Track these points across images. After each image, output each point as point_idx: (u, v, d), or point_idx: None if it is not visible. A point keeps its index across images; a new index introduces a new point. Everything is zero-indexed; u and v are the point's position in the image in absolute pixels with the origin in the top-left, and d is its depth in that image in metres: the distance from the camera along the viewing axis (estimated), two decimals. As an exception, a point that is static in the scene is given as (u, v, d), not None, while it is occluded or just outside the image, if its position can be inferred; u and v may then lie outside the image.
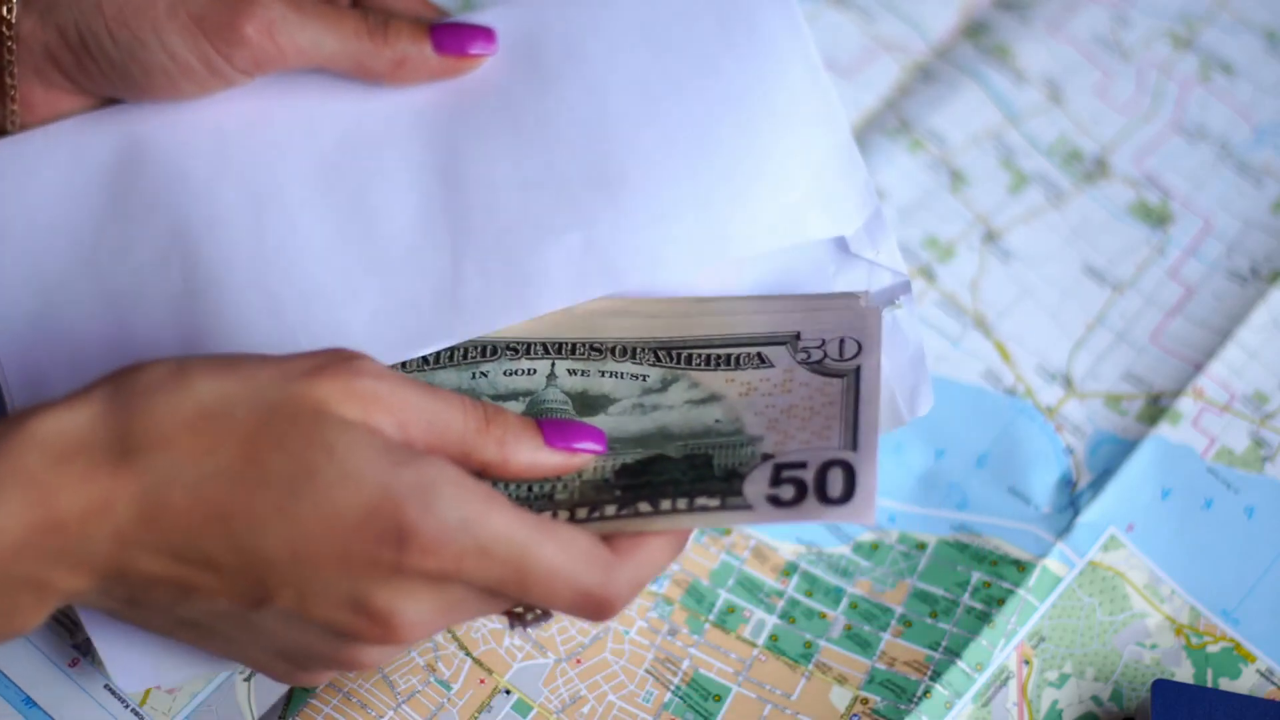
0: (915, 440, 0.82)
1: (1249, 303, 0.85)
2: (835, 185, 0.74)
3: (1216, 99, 0.92)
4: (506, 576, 0.62)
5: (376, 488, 0.61)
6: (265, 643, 0.64)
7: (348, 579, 0.61)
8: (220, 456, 0.61)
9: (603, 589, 0.64)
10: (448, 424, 0.64)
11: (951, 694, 0.75)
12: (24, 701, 0.73)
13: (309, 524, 0.60)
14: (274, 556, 0.61)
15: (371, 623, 0.62)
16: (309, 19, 0.74)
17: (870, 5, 0.94)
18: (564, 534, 0.63)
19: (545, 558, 0.62)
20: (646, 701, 0.75)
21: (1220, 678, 0.77)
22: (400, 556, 0.60)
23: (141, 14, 0.72)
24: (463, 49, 0.76)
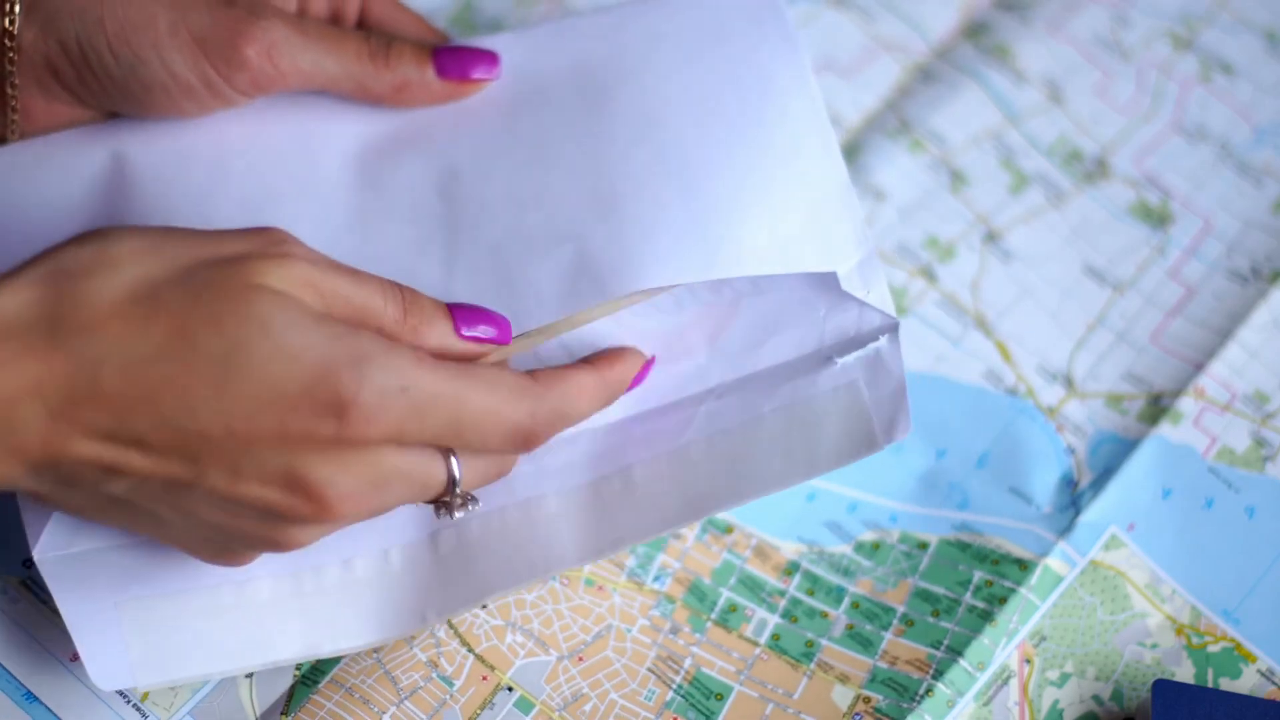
0: (916, 440, 0.82)
1: (1249, 303, 0.85)
2: (831, 223, 0.74)
3: (1217, 99, 0.92)
4: (443, 429, 0.64)
5: (311, 360, 0.61)
6: (194, 523, 0.64)
7: (283, 453, 0.61)
8: (151, 335, 0.61)
9: (531, 419, 0.66)
10: (369, 305, 0.65)
11: (953, 693, 0.75)
12: (25, 696, 0.73)
13: (244, 399, 0.61)
14: (207, 433, 0.61)
15: (305, 499, 0.62)
16: (311, 41, 0.74)
17: (870, 5, 0.94)
18: (489, 375, 0.65)
19: (476, 402, 0.64)
20: (648, 700, 0.75)
21: (1221, 678, 0.77)
22: (339, 427, 0.61)
23: (142, 32, 0.72)
24: (465, 74, 0.76)
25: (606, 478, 0.75)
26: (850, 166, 0.88)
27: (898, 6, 0.94)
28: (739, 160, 0.75)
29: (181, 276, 0.62)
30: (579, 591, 0.77)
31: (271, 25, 0.73)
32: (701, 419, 0.75)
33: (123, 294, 0.61)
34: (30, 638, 0.74)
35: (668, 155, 0.75)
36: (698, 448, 0.75)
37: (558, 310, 0.72)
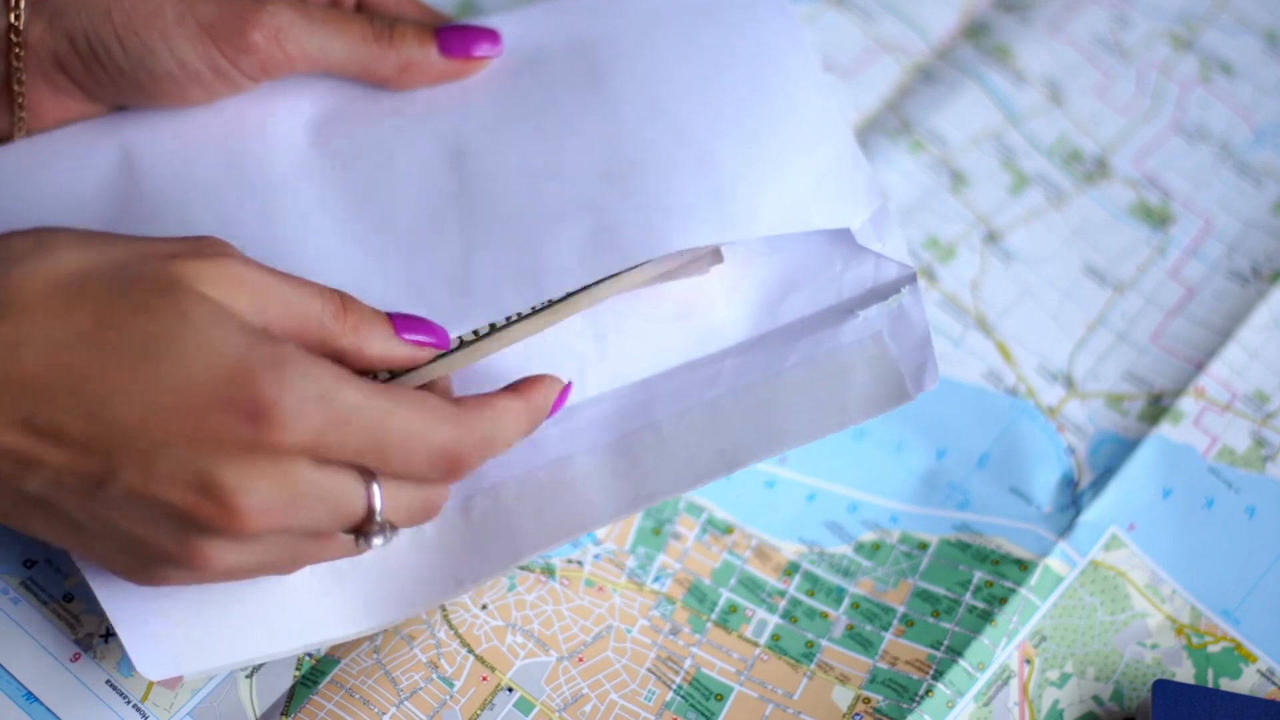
0: (917, 440, 0.82)
1: (1250, 303, 0.85)
2: (840, 181, 0.75)
3: (1217, 100, 0.92)
4: (364, 445, 0.63)
5: (232, 360, 0.61)
6: (109, 530, 0.63)
7: (196, 454, 0.61)
8: (75, 322, 0.61)
9: (458, 444, 0.65)
10: (306, 310, 0.65)
11: (953, 693, 0.75)
12: (25, 697, 0.73)
13: (161, 392, 0.60)
14: (123, 424, 0.60)
15: (216, 505, 0.61)
16: (316, 25, 0.74)
17: (870, 6, 0.94)
18: (414, 396, 0.64)
19: (400, 420, 0.63)
20: (648, 701, 0.75)
21: (1221, 678, 0.77)
22: (254, 431, 0.60)
23: (150, 22, 0.73)
24: (468, 51, 0.77)
25: (635, 433, 0.75)
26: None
27: (898, 7, 0.94)
28: (745, 128, 0.75)
29: (111, 270, 0.62)
30: (579, 592, 0.77)
31: (277, 10, 0.74)
32: (727, 374, 0.76)
33: (51, 281, 0.61)
34: (31, 638, 0.74)
35: (675, 127, 0.75)
36: (725, 401, 0.75)
37: (582, 277, 0.73)
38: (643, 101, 0.76)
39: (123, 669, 0.74)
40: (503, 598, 0.76)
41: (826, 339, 0.75)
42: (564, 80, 0.78)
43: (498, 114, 0.77)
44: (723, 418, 0.74)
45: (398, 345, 0.68)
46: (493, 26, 0.78)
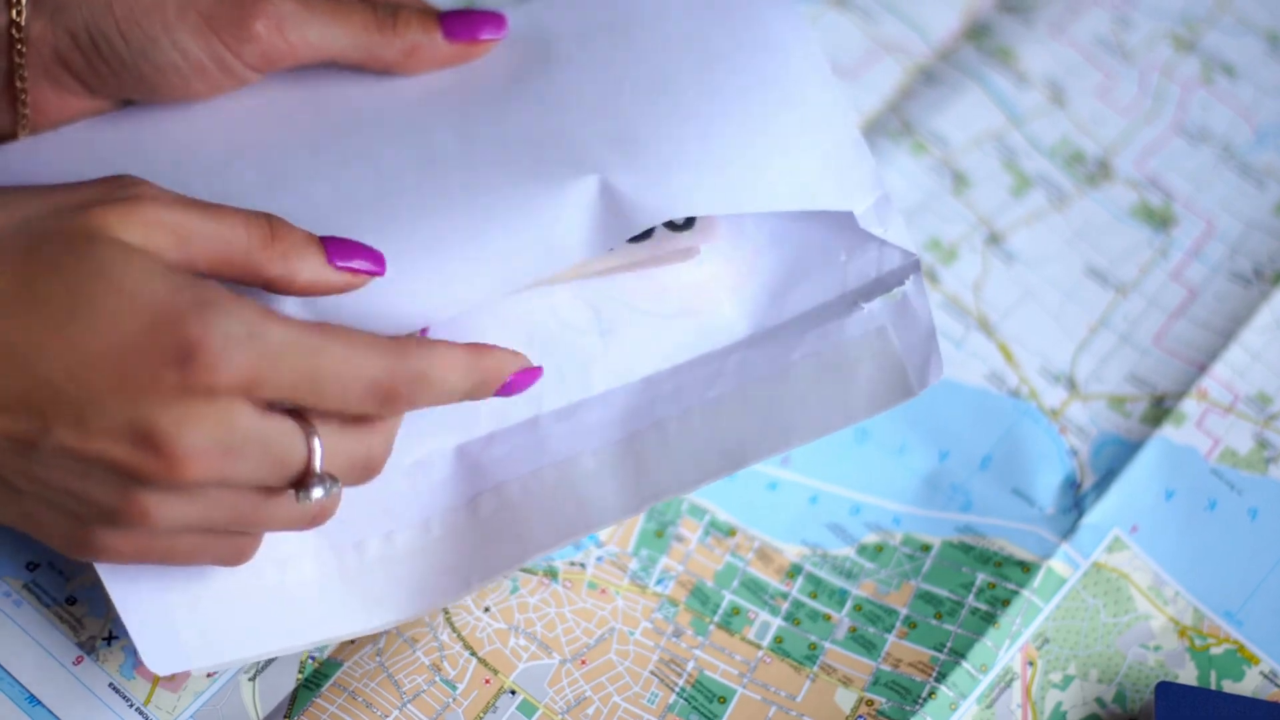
0: (919, 442, 0.82)
1: (1252, 304, 0.85)
2: (844, 166, 0.75)
3: (1218, 101, 0.92)
4: (299, 381, 0.62)
5: (156, 306, 0.60)
6: (45, 493, 0.63)
7: (128, 404, 0.60)
8: None
9: (390, 375, 0.64)
10: (230, 240, 0.64)
11: (956, 695, 0.75)
12: (28, 700, 0.73)
13: (86, 345, 0.60)
14: (52, 383, 0.60)
15: (153, 454, 0.60)
16: (317, 14, 0.74)
17: (872, 7, 0.94)
18: (346, 330, 0.63)
19: (334, 353, 0.62)
20: (651, 703, 0.75)
21: (1224, 680, 0.77)
22: (184, 374, 0.60)
23: (152, 14, 0.72)
24: (473, 35, 0.76)
25: (640, 432, 0.75)
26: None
27: (899, 8, 0.94)
28: (750, 112, 0.75)
29: (23, 226, 0.62)
30: (582, 594, 0.77)
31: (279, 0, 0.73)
32: (731, 370, 0.75)
33: None
34: (33, 640, 0.74)
35: (680, 104, 0.75)
36: (730, 398, 0.75)
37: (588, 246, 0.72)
38: (648, 80, 0.76)
39: (125, 671, 0.74)
40: (505, 600, 0.76)
41: (832, 332, 0.75)
42: (569, 60, 0.77)
43: (503, 84, 0.77)
44: (728, 415, 0.74)
45: (330, 272, 0.67)
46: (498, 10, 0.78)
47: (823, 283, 0.76)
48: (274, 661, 0.75)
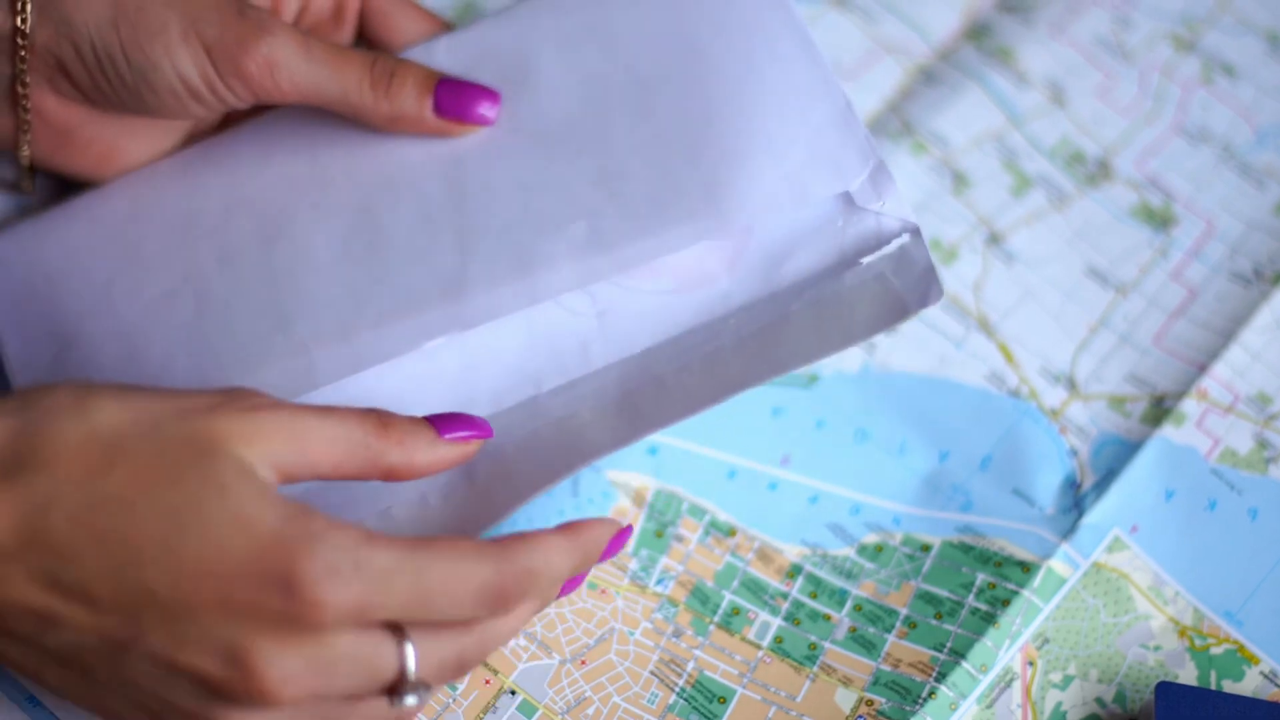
0: (919, 442, 0.82)
1: (1252, 304, 0.85)
2: (834, 147, 0.75)
3: (1219, 101, 0.92)
4: (408, 602, 0.62)
5: (266, 532, 0.60)
6: (129, 692, 0.62)
7: (226, 623, 0.60)
8: (109, 483, 0.60)
9: (499, 575, 0.63)
10: (348, 438, 0.65)
11: (956, 695, 0.75)
12: (28, 700, 0.73)
13: (193, 560, 0.59)
14: (152, 590, 0.60)
15: (244, 675, 0.60)
16: (314, 63, 0.74)
17: (872, 7, 0.94)
18: (450, 543, 0.63)
19: (441, 569, 0.62)
20: (651, 703, 0.75)
21: (1224, 680, 0.77)
22: (287, 604, 0.60)
23: (156, 38, 0.73)
24: (462, 115, 0.77)
25: (638, 388, 0.76)
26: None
27: (899, 8, 0.94)
28: (736, 110, 0.76)
29: (149, 428, 0.61)
30: (582, 594, 0.77)
31: (277, 43, 0.74)
32: (729, 329, 0.76)
33: (87, 436, 0.61)
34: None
35: (667, 123, 0.76)
36: (728, 349, 0.76)
37: (575, 284, 0.74)
38: (633, 101, 0.77)
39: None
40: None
41: (829, 285, 0.76)
42: (555, 87, 0.78)
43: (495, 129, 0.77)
44: (725, 362, 0.75)
45: (444, 448, 0.68)
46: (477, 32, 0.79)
47: (820, 249, 0.77)
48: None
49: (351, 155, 0.78)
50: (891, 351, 0.84)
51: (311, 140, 0.78)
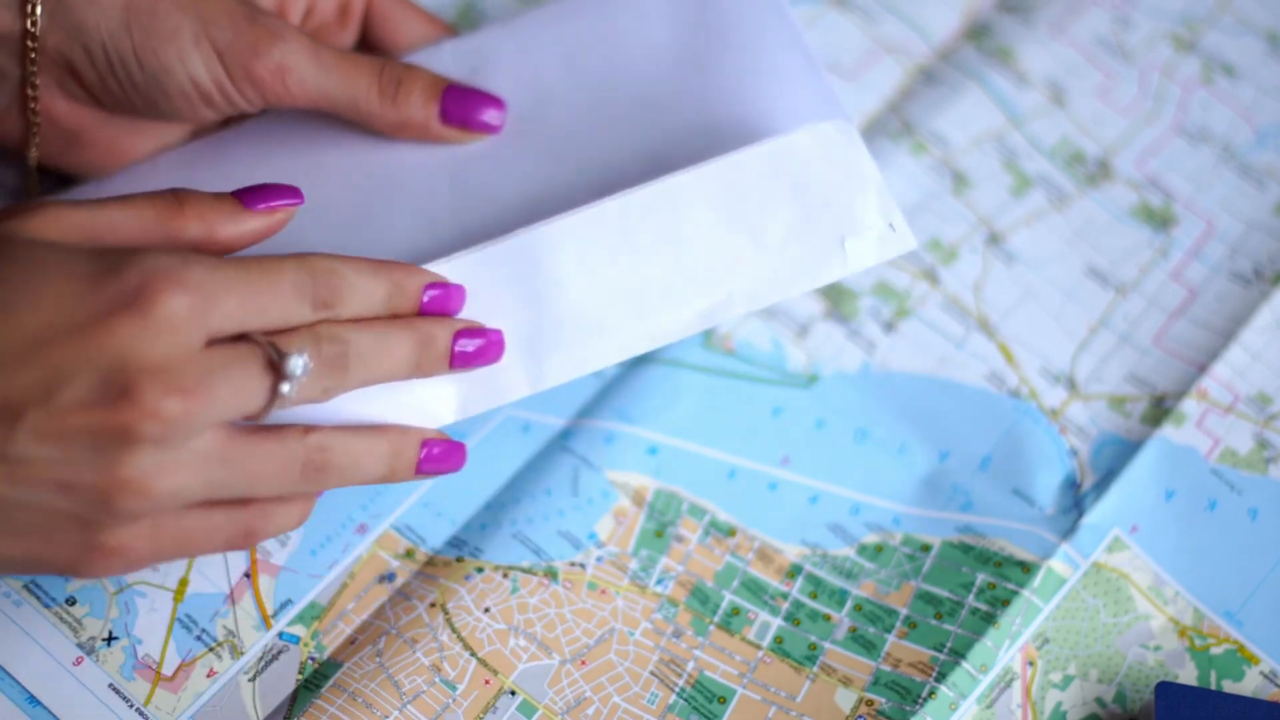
0: (919, 442, 0.82)
1: (1252, 304, 0.85)
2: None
3: (1219, 101, 0.92)
4: (242, 300, 0.63)
5: (87, 267, 0.61)
6: (37, 496, 0.61)
7: (86, 361, 0.60)
8: None
9: (312, 277, 0.66)
10: (140, 220, 0.65)
11: (956, 695, 0.75)
12: (28, 700, 0.73)
13: (31, 323, 0.60)
14: (6, 365, 0.60)
15: (127, 401, 0.60)
16: (324, 69, 0.75)
17: (872, 7, 0.94)
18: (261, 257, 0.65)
19: (259, 268, 0.64)
20: (651, 703, 0.75)
21: (1224, 680, 0.77)
22: (134, 312, 0.60)
23: (168, 43, 0.74)
24: (468, 121, 0.77)
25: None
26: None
27: (899, 8, 0.94)
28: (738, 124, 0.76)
29: None
30: (582, 595, 0.77)
31: (288, 49, 0.74)
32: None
33: None
34: (33, 642, 0.74)
35: (669, 135, 0.76)
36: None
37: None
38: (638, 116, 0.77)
39: (125, 672, 0.74)
40: (505, 601, 0.76)
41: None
42: (561, 98, 0.78)
43: (502, 151, 0.78)
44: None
45: (251, 219, 0.67)
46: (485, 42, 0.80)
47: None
48: (274, 662, 0.75)
49: (353, 155, 0.78)
50: (891, 351, 0.84)
51: (312, 139, 0.79)
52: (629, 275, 0.73)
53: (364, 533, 0.79)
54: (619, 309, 0.73)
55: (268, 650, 0.75)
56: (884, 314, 0.85)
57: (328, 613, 0.76)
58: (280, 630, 0.76)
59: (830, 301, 0.85)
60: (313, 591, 0.77)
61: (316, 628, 0.76)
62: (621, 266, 0.73)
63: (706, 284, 0.73)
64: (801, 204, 0.73)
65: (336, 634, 0.76)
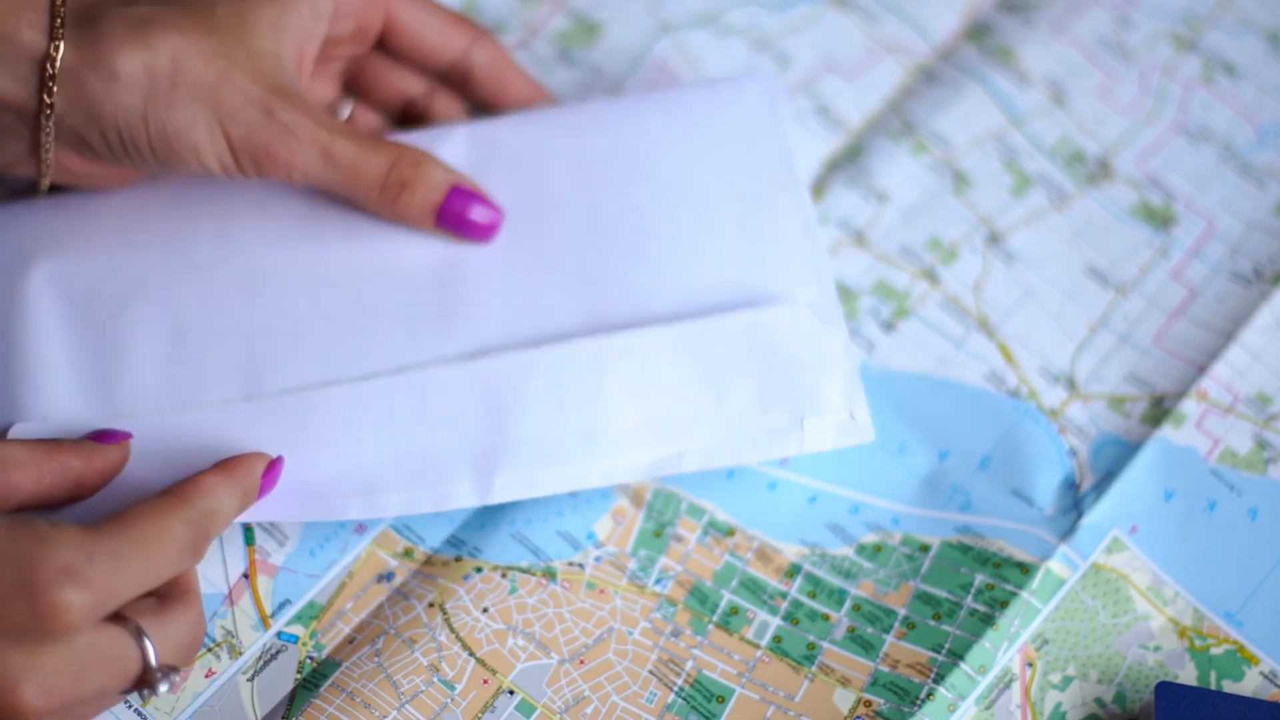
0: (918, 442, 0.82)
1: (1252, 304, 0.85)
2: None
3: (1219, 100, 0.92)
4: (140, 576, 0.66)
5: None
6: None
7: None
8: None
9: (191, 527, 0.68)
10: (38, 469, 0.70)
11: (955, 696, 0.75)
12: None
13: None
14: None
15: (2, 693, 0.62)
16: (331, 167, 0.77)
17: (873, 7, 0.94)
18: (141, 510, 0.67)
19: (151, 536, 0.67)
20: (650, 702, 0.75)
21: (1223, 680, 0.77)
22: (34, 610, 0.62)
23: (182, 133, 0.75)
24: (462, 232, 0.80)
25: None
26: (853, 168, 0.89)
27: (900, 8, 0.94)
28: (730, 281, 0.80)
29: None
30: (580, 595, 0.77)
31: (300, 149, 0.76)
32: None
33: None
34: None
35: (664, 275, 0.79)
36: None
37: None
38: (635, 239, 0.80)
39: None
40: (504, 601, 0.76)
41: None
42: (560, 206, 0.81)
43: (493, 254, 0.80)
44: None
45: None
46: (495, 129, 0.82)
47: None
48: (272, 662, 0.75)
49: (348, 226, 0.80)
50: (891, 351, 0.84)
51: (310, 199, 0.80)
52: (592, 414, 0.76)
53: (362, 533, 0.79)
54: (576, 442, 0.76)
55: (266, 650, 0.75)
56: (884, 314, 0.85)
57: (326, 612, 0.77)
58: (279, 630, 0.76)
59: (830, 301, 0.85)
60: (311, 591, 0.77)
61: (315, 627, 0.76)
62: (586, 404, 0.76)
63: (664, 436, 0.77)
64: (769, 377, 0.77)
65: (335, 633, 0.76)
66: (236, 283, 0.78)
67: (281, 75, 0.76)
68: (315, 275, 0.79)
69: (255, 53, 0.75)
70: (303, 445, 0.75)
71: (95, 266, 0.78)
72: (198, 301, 0.78)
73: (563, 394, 0.76)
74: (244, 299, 0.78)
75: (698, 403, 0.77)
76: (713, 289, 0.79)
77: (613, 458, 0.76)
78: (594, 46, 0.92)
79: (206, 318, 0.78)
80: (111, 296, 0.78)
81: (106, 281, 0.78)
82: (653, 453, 0.76)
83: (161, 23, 0.74)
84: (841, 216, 0.88)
